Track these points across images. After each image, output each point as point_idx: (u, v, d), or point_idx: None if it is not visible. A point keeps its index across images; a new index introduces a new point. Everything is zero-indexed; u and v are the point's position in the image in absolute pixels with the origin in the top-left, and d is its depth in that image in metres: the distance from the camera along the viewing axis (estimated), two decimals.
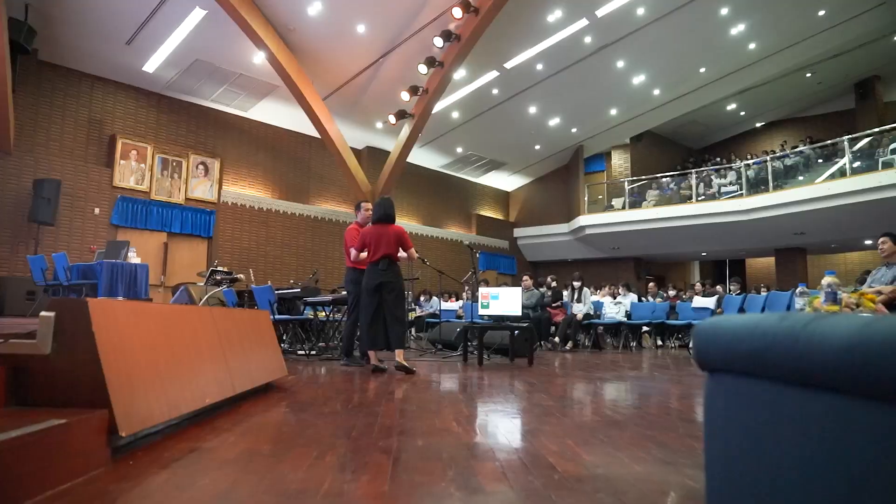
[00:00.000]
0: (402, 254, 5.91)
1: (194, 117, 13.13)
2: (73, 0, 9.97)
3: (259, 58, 11.53)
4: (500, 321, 7.19)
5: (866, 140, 14.22)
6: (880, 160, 13.00)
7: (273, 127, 14.56)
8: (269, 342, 4.31)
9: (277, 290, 9.64)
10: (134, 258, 8.47)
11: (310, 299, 8.01)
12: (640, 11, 12.27)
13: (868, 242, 17.00)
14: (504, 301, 7.16)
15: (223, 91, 12.84)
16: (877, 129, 14.30)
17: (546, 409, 3.61)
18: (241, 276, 4.87)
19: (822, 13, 13.38)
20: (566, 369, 6.51)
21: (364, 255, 6.04)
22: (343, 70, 12.79)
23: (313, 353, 7.83)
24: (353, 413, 3.36)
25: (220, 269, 9.25)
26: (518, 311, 7.13)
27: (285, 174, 14.71)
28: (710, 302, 8.98)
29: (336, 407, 3.59)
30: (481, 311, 7.28)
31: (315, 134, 13.53)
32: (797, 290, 2.96)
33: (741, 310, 8.14)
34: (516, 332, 7.19)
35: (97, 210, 11.43)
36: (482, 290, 7.37)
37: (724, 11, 12.80)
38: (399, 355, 5.66)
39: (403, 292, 5.87)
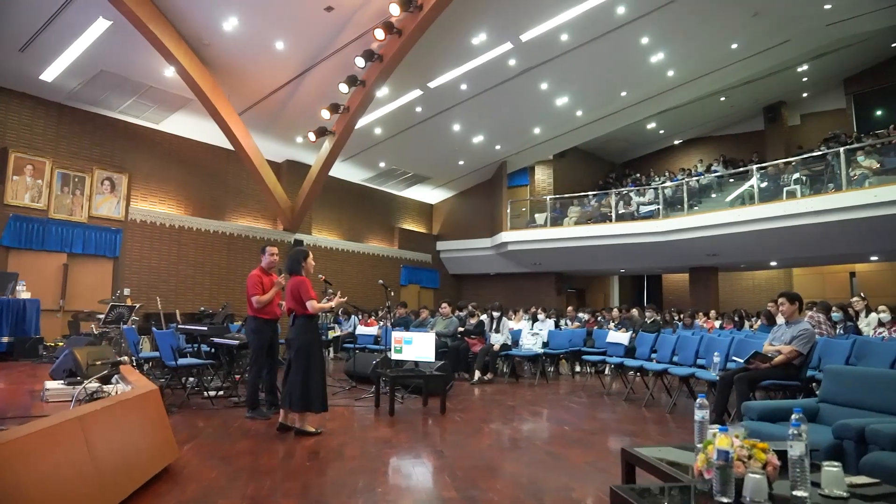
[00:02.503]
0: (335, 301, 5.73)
1: (100, 129, 12.31)
2: None
3: (171, 70, 10.97)
4: (412, 370, 7.04)
5: (772, 165, 14.96)
6: (785, 189, 13.60)
7: (187, 140, 13.87)
8: (157, 426, 4.01)
9: (184, 324, 9.24)
10: (23, 293, 7.88)
11: (217, 340, 7.64)
12: (564, 38, 12.37)
13: (773, 264, 17.85)
14: (417, 346, 7.03)
15: (132, 103, 12.15)
16: (781, 161, 15.06)
17: None
18: (125, 358, 4.51)
19: (734, 46, 13.92)
20: (479, 419, 6.43)
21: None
22: (261, 85, 12.36)
23: (220, 393, 7.49)
24: None
25: (120, 304, 8.76)
26: (431, 358, 7.01)
27: (200, 189, 14.05)
28: (623, 338, 9.14)
29: None
30: (394, 356, 7.12)
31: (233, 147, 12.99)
32: (698, 401, 2.94)
33: (653, 350, 8.31)
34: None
35: None
36: (395, 335, 7.21)
37: (645, 41, 13.10)
38: (297, 419, 5.42)
39: (307, 349, 5.45)
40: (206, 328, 7.91)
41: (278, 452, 4.80)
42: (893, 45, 16.64)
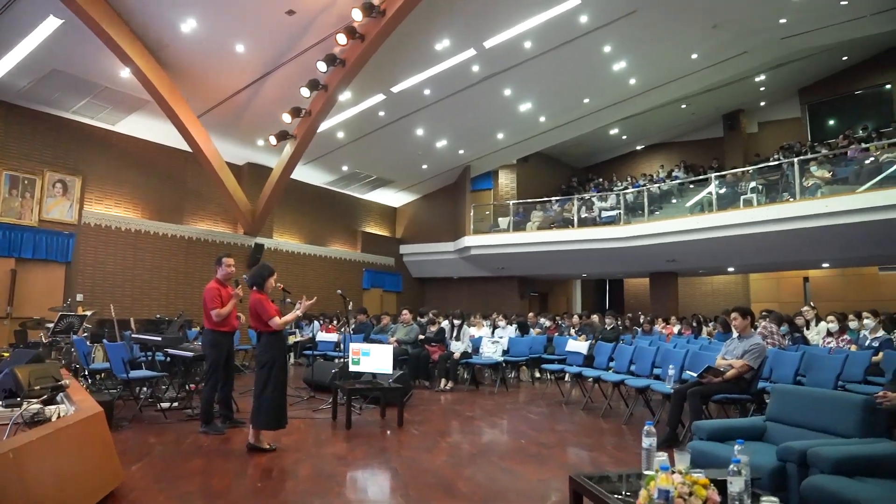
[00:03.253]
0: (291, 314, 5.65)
1: (52, 130, 11.89)
2: None
3: (128, 71, 10.70)
4: (370, 381, 7.00)
5: (730, 173, 15.30)
6: (742, 197, 13.89)
7: (144, 141, 13.50)
8: (101, 451, 3.89)
9: (140, 331, 9.04)
10: None
11: (172, 351, 7.48)
12: (528, 45, 12.43)
13: (731, 270, 18.24)
14: (375, 358, 6.98)
15: (86, 103, 11.80)
16: (739, 169, 15.41)
17: None
18: (66, 381, 4.37)
19: (694, 56, 14.19)
20: (436, 432, 6.41)
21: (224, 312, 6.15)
22: (221, 88, 12.14)
23: (174, 405, 7.35)
24: None
25: (71, 313, 8.52)
26: (389, 370, 6.98)
27: (157, 192, 13.71)
28: (582, 347, 9.24)
29: None
30: (352, 368, 7.06)
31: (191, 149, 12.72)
32: (645, 429, 2.96)
33: (610, 358, 8.42)
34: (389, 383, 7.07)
35: None
36: (353, 346, 7.15)
37: (608, 49, 13.23)
38: (252, 434, 5.34)
39: (270, 366, 5.38)
40: (160, 338, 7.73)
41: (230, 472, 4.72)
42: (844, 59, 17.21)
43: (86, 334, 8.77)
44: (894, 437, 3.68)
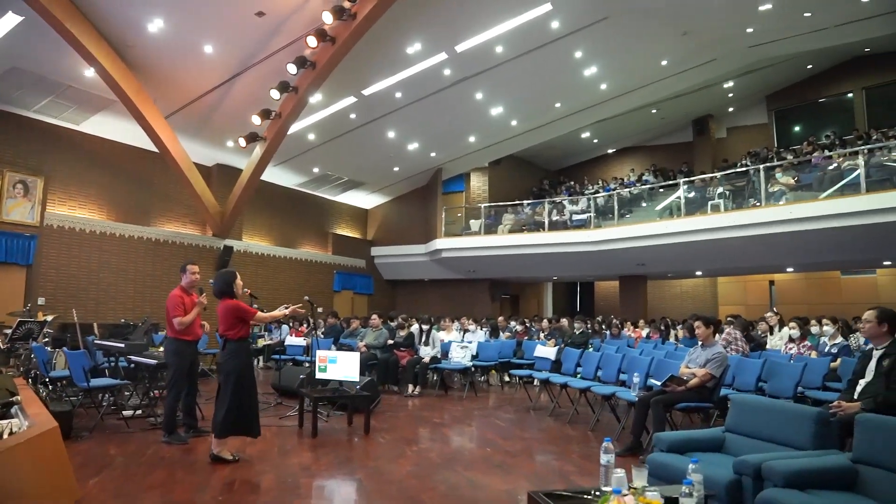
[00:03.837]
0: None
1: (13, 129, 11.57)
2: None
3: (92, 70, 10.50)
4: (337, 389, 6.97)
5: (698, 179, 15.52)
6: (710, 203, 14.08)
7: (110, 141, 13.23)
8: (54, 468, 3.80)
9: (104, 336, 8.88)
10: None
11: (135, 358, 7.36)
12: (499, 49, 12.46)
13: (699, 273, 18.51)
14: (342, 365, 6.94)
15: (49, 102, 11.54)
16: (707, 175, 15.62)
17: None
18: (18, 397, 4.24)
19: (664, 63, 14.36)
20: (402, 440, 6.40)
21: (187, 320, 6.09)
22: (190, 88, 11.97)
23: (138, 412, 7.23)
24: None
25: (30, 319, 8.34)
26: (356, 377, 6.95)
27: (123, 193, 13.44)
28: (550, 352, 9.31)
29: None
30: (319, 375, 7.02)
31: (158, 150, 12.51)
32: (604, 445, 2.99)
33: (577, 364, 8.49)
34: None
35: None
36: (320, 354, 7.11)
37: (578, 55, 13.33)
38: (214, 443, 5.29)
39: (237, 374, 5.33)
40: (123, 344, 7.59)
41: (192, 485, 4.64)
42: (809, 67, 17.61)
43: (46, 339, 8.58)
44: (846, 449, 3.75)
